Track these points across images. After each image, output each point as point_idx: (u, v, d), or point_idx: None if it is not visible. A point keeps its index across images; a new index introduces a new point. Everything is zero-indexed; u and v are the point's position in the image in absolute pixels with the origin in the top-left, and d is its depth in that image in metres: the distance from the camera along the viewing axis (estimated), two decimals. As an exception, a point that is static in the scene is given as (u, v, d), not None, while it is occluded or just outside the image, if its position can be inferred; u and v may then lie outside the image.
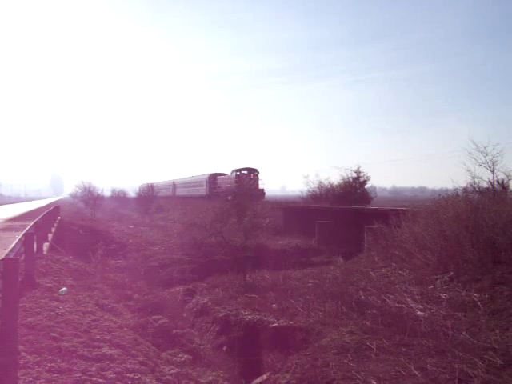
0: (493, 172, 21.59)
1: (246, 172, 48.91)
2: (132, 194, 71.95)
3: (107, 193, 69.03)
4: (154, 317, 11.33)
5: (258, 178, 48.59)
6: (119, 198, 73.08)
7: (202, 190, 59.24)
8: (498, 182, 21.59)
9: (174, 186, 77.64)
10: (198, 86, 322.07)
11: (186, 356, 8.91)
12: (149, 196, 57.59)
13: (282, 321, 11.87)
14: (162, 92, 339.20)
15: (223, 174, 55.71)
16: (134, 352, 7.45)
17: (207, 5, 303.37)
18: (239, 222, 26.32)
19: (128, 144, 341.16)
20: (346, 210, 29.73)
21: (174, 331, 10.71)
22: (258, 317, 12.40)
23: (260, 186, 48.50)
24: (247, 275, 17.60)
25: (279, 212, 34.07)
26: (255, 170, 49.16)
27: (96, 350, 6.90)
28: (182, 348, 9.73)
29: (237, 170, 49.10)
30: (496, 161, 21.57)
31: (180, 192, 72.49)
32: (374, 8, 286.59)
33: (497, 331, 9.90)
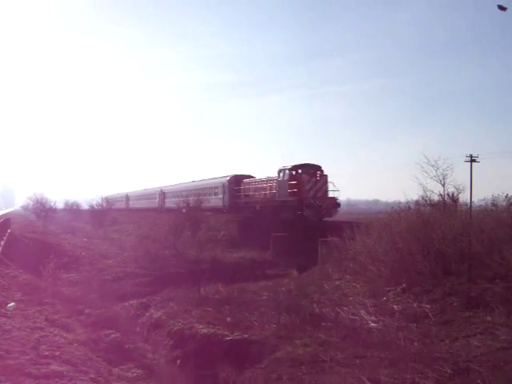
0: (443, 185, 22.09)
1: (301, 170, 32.29)
2: (86, 206, 70.49)
3: (60, 205, 67.75)
4: (106, 331, 11.14)
5: (326, 181, 31.78)
6: (72, 210, 71.75)
7: (217, 200, 43.41)
8: (448, 195, 22.09)
9: (163, 195, 58.99)
10: (155, 98, 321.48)
11: (138, 371, 8.79)
12: (103, 209, 56.48)
13: (236, 334, 11.81)
14: (120, 104, 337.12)
15: (249, 177, 40.40)
16: (84, 368, 7.29)
17: (164, 18, 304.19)
18: (194, 235, 26.16)
19: (83, 156, 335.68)
20: (301, 223, 29.51)
21: (127, 346, 10.56)
22: (212, 330, 12.31)
23: (330, 193, 32.02)
24: (202, 288, 17.47)
25: (234, 225, 33.61)
26: (319, 168, 32.51)
27: (44, 367, 6.71)
28: (135, 363, 9.60)
29: (291, 169, 32.24)
30: (446, 174, 22.07)
31: (173, 203, 49.53)
32: (327, 25, 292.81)
33: (447, 341, 10.12)
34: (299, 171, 32.01)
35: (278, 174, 33.17)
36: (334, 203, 31.24)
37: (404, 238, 15.34)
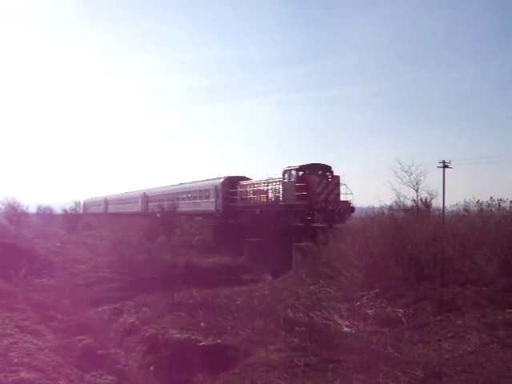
0: (417, 191, 22.38)
1: (310, 171, 28.61)
2: (59, 210, 69.47)
3: (33, 209, 66.86)
4: (78, 337, 11.00)
5: (339, 182, 28.32)
6: (45, 214, 70.88)
7: (209, 205, 39.02)
8: (421, 200, 22.37)
9: (146, 199, 54.61)
10: (132, 102, 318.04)
11: (110, 377, 8.70)
12: (76, 214, 55.92)
13: (210, 339, 11.75)
14: (92, 108, 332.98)
15: (245, 178, 36.75)
16: (54, 375, 7.18)
17: (138, 21, 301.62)
18: (168, 240, 26.05)
19: (59, 160, 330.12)
20: (275, 228, 29.25)
21: (99, 352, 10.44)
22: (185, 335, 12.22)
23: (342, 196, 28.34)
24: (176, 293, 17.34)
25: (208, 230, 33.56)
26: (329, 168, 29.11)
27: (13, 374, 6.59)
28: (107, 369, 9.49)
29: (299, 169, 28.55)
30: (419, 180, 22.37)
31: (156, 207, 43.52)
32: (302, 30, 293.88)
33: (419, 345, 10.23)
34: (307, 172, 28.49)
35: (283, 175, 29.56)
36: (348, 207, 27.82)
37: (377, 243, 15.46)
